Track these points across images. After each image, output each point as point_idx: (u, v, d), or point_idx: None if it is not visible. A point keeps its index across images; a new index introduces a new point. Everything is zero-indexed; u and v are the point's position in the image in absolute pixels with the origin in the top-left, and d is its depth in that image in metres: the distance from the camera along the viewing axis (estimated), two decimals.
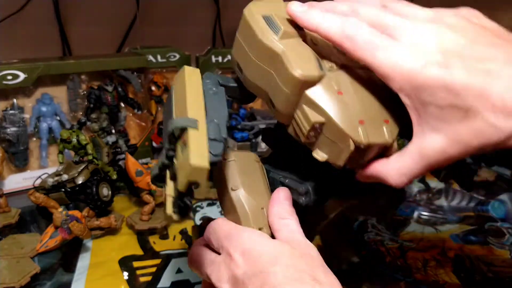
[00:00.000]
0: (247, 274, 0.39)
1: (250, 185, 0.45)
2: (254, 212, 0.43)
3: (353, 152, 0.38)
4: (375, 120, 0.39)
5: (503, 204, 0.97)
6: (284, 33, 0.39)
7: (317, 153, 0.40)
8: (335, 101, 0.38)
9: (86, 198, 0.83)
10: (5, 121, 1.01)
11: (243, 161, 0.47)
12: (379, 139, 0.38)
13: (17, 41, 1.21)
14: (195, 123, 0.36)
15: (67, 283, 0.73)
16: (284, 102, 0.40)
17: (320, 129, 0.39)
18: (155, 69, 1.21)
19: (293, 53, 0.39)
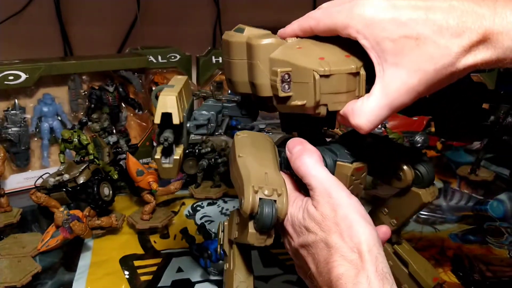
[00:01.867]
0: (298, 245, 0.44)
1: (257, 154, 0.48)
2: (256, 173, 0.45)
3: (325, 84, 0.42)
4: (336, 56, 0.44)
5: (501, 204, 0.97)
6: (248, 30, 0.48)
7: (295, 102, 0.44)
8: (295, 52, 0.45)
9: (87, 197, 0.84)
10: (7, 121, 1.01)
11: (254, 137, 0.52)
12: (341, 66, 0.43)
13: (19, 42, 1.22)
14: (171, 86, 0.46)
15: (68, 282, 0.73)
16: (259, 73, 0.46)
17: (289, 79, 0.44)
18: (155, 69, 1.22)
19: (255, 36, 0.47)
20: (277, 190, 0.43)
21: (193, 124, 0.47)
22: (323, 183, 0.43)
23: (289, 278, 0.73)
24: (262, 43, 0.46)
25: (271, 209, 0.42)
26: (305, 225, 0.43)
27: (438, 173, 1.16)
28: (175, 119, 0.42)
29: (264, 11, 1.44)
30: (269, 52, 0.46)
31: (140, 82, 1.15)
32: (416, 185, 0.53)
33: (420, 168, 0.52)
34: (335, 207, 0.41)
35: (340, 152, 0.49)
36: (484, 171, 1.14)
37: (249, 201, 0.42)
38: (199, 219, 0.93)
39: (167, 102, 0.42)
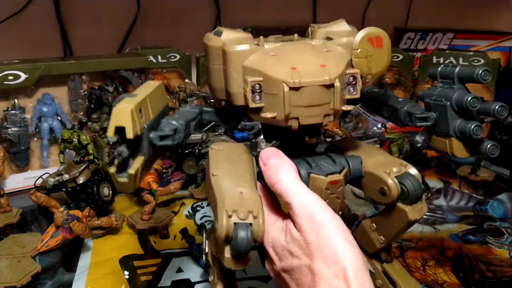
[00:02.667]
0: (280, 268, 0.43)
1: (231, 171, 0.46)
2: (230, 194, 0.42)
3: (295, 96, 0.40)
4: (309, 65, 0.41)
5: (502, 204, 0.97)
6: (225, 33, 0.46)
7: (265, 114, 0.42)
8: (268, 60, 0.42)
9: (87, 197, 0.84)
10: (6, 121, 1.01)
11: (230, 151, 0.50)
12: (313, 78, 0.40)
13: (18, 42, 1.22)
14: (133, 95, 0.44)
15: (68, 282, 0.73)
16: (232, 82, 0.45)
17: (260, 89, 0.42)
18: (155, 69, 1.22)
19: (231, 41, 0.45)
20: (252, 212, 0.41)
21: (156, 135, 0.43)
22: (304, 204, 0.41)
23: None
24: (235, 49, 0.44)
25: (245, 233, 0.40)
26: (288, 249, 0.41)
27: (438, 173, 1.17)
28: (129, 133, 0.40)
29: (264, 11, 1.44)
30: (243, 59, 0.44)
31: (140, 82, 1.15)
32: (402, 201, 0.48)
33: (406, 182, 0.47)
34: (318, 231, 0.39)
35: (316, 163, 0.47)
36: (484, 171, 1.14)
37: (223, 226, 0.40)
38: (199, 219, 0.93)
39: (121, 115, 0.40)
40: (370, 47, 0.44)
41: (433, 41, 1.55)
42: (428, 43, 1.56)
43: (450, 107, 0.49)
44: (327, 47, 0.45)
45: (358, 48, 0.44)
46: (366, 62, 0.44)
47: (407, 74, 1.36)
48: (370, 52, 0.44)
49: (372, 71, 0.45)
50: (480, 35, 1.55)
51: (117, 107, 0.40)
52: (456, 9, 1.64)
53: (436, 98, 0.50)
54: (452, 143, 0.50)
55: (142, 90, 0.46)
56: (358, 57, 0.44)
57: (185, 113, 0.50)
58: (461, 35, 1.55)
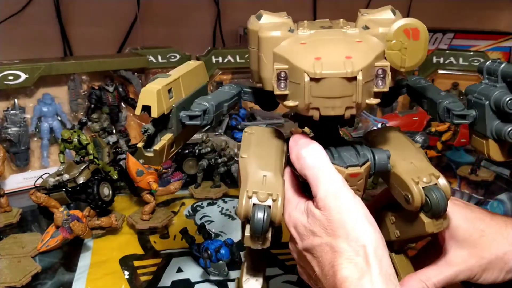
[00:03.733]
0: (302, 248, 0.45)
1: (259, 155, 0.48)
2: (254, 177, 0.45)
3: (316, 87, 0.40)
4: (335, 56, 0.40)
5: (502, 204, 0.97)
6: (265, 18, 0.47)
7: (288, 102, 0.42)
8: (296, 49, 0.42)
9: (87, 197, 0.84)
10: (7, 121, 1.01)
11: (261, 135, 0.51)
12: (335, 69, 0.39)
13: (18, 42, 1.22)
14: (166, 75, 0.46)
15: (68, 282, 0.73)
16: (263, 66, 0.45)
17: (285, 77, 0.42)
18: (155, 69, 1.22)
19: (267, 26, 0.46)
20: (272, 195, 0.43)
21: (185, 115, 0.45)
22: (330, 182, 0.43)
23: (289, 278, 0.73)
24: (266, 35, 0.44)
25: (262, 215, 0.42)
26: (310, 229, 0.43)
27: None
28: (153, 112, 0.43)
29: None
30: (274, 45, 0.44)
31: (140, 82, 1.15)
32: (425, 212, 0.46)
33: (432, 196, 0.45)
34: (341, 210, 0.41)
35: (339, 154, 0.46)
36: (484, 171, 1.14)
37: (242, 206, 0.42)
38: (199, 219, 0.93)
39: (147, 95, 0.43)
40: (406, 39, 0.42)
41: (433, 41, 1.55)
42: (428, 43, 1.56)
43: (489, 107, 0.46)
44: (360, 37, 0.43)
45: (392, 39, 0.42)
46: (400, 54, 0.42)
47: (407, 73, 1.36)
48: (405, 44, 0.42)
49: (406, 64, 0.42)
50: (480, 35, 1.54)
51: (146, 87, 0.43)
52: (456, 9, 1.64)
53: (477, 96, 0.48)
54: (489, 144, 0.47)
55: (178, 70, 0.49)
56: (391, 49, 0.42)
57: (221, 94, 0.51)
58: (461, 35, 1.55)
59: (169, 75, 0.46)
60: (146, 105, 0.43)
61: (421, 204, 0.46)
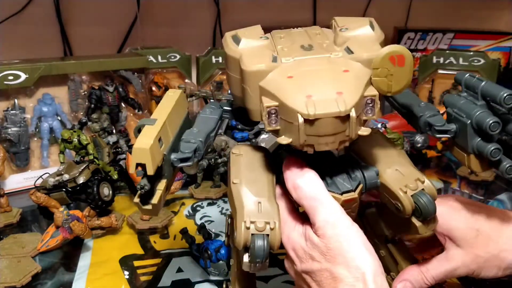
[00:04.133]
0: (300, 270, 0.45)
1: (251, 179, 0.47)
2: (249, 205, 0.45)
3: (309, 127, 0.40)
4: (325, 93, 0.40)
5: (502, 204, 0.97)
6: (243, 43, 0.45)
7: (281, 138, 0.42)
8: (284, 84, 0.41)
9: (87, 197, 0.84)
10: (7, 121, 1.01)
11: (250, 156, 0.50)
12: (327, 110, 0.39)
13: (18, 42, 1.22)
14: (153, 121, 0.44)
15: (68, 282, 0.73)
16: (249, 99, 0.44)
17: (276, 113, 0.41)
18: (155, 69, 1.22)
19: (248, 55, 0.44)
20: (269, 224, 0.43)
21: (176, 158, 0.44)
22: (329, 212, 0.43)
23: (289, 278, 0.73)
24: (251, 69, 0.43)
25: (262, 244, 0.43)
26: (309, 253, 0.43)
27: (438, 173, 1.16)
28: (149, 170, 0.41)
29: (264, 11, 1.44)
30: (259, 78, 0.43)
31: (140, 82, 1.15)
32: (416, 217, 0.48)
33: (420, 202, 0.47)
34: (340, 239, 0.42)
35: (332, 180, 0.46)
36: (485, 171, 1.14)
37: (241, 237, 0.43)
38: (199, 219, 0.93)
39: (140, 153, 0.41)
40: (392, 66, 0.42)
41: (433, 41, 1.55)
42: (428, 43, 1.56)
43: (471, 126, 0.47)
44: (345, 64, 0.43)
45: (378, 67, 0.42)
46: (387, 81, 0.43)
47: None
48: (391, 71, 0.42)
49: (392, 90, 0.43)
50: (480, 35, 1.54)
51: (137, 144, 0.41)
52: (456, 9, 1.64)
53: (458, 112, 0.49)
54: (470, 159, 0.49)
55: (161, 111, 0.46)
56: (378, 76, 0.42)
57: (205, 123, 0.50)
58: (461, 35, 1.55)
59: (155, 121, 0.44)
60: (140, 163, 0.41)
61: (411, 212, 0.47)
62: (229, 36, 0.47)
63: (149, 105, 1.21)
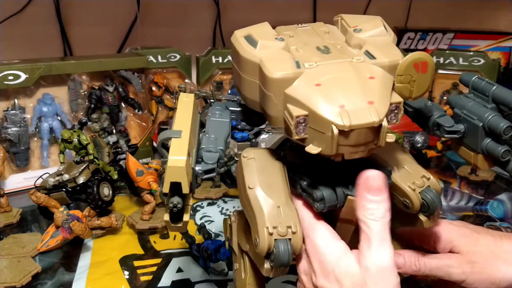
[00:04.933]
0: (320, 285, 0.43)
1: (267, 183, 0.46)
2: (269, 211, 0.44)
3: (343, 137, 0.39)
4: (357, 103, 0.39)
5: (502, 204, 0.97)
6: (261, 45, 0.44)
7: (310, 148, 0.41)
8: (314, 92, 0.40)
9: (87, 197, 0.84)
10: (6, 121, 1.01)
11: (262, 159, 0.49)
12: (362, 120, 0.38)
13: (18, 42, 1.22)
14: (178, 134, 0.42)
15: (68, 282, 0.73)
16: (271, 106, 0.43)
17: (305, 123, 0.40)
18: (155, 69, 1.22)
19: (269, 59, 0.42)
20: (291, 228, 0.43)
21: (201, 170, 0.42)
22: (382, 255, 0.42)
23: (289, 278, 0.73)
24: (276, 76, 0.41)
25: (287, 248, 0.42)
26: (338, 275, 0.42)
27: (438, 173, 1.17)
28: (185, 189, 0.39)
29: (264, 11, 1.44)
30: (285, 86, 0.41)
31: (140, 82, 1.15)
32: (422, 212, 0.49)
33: (428, 198, 0.48)
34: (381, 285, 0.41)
35: (353, 184, 0.45)
36: (484, 171, 1.14)
37: (265, 243, 0.42)
38: (199, 219, 0.93)
39: (176, 172, 0.39)
40: (415, 72, 0.42)
41: (433, 41, 1.55)
42: (428, 43, 1.56)
43: (482, 128, 0.49)
44: (369, 70, 0.42)
45: (402, 74, 0.42)
46: (409, 87, 0.43)
47: None
48: (414, 77, 0.42)
49: (413, 95, 0.44)
50: (480, 35, 1.55)
51: (171, 162, 0.39)
52: (456, 9, 1.64)
53: (468, 114, 0.50)
54: (477, 158, 0.51)
55: (183, 120, 0.44)
56: (401, 83, 0.43)
57: (219, 128, 0.49)
58: (461, 35, 1.55)
59: (180, 133, 0.42)
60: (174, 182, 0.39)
61: (419, 208, 0.48)
62: (241, 36, 0.46)
63: (149, 105, 1.21)
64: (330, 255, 0.43)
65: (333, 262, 0.43)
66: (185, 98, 0.49)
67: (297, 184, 0.48)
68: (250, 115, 0.52)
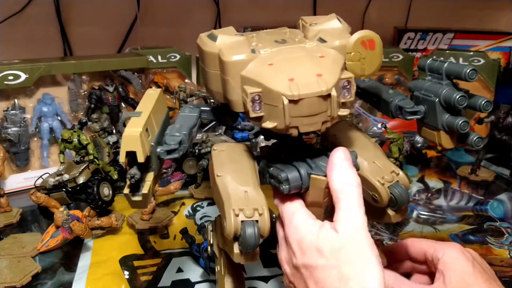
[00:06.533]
0: (301, 263, 0.44)
1: (234, 170, 0.48)
2: (236, 194, 0.45)
3: (295, 109, 0.41)
4: (306, 76, 0.42)
5: (502, 204, 0.97)
6: (220, 38, 0.47)
7: (266, 124, 0.43)
8: (265, 71, 0.43)
9: (87, 197, 0.84)
10: (7, 121, 1.01)
11: (231, 151, 0.51)
12: (311, 89, 0.41)
13: (18, 42, 1.22)
14: (138, 114, 0.45)
15: (68, 282, 0.73)
16: (230, 90, 0.46)
17: (259, 99, 0.43)
18: (155, 69, 1.22)
19: (227, 48, 0.46)
20: (258, 210, 0.44)
21: (163, 150, 0.45)
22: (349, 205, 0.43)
23: None
24: (232, 59, 0.44)
25: (253, 230, 0.43)
26: (317, 246, 0.42)
27: (438, 173, 1.17)
28: (140, 157, 0.42)
29: (264, 11, 1.44)
30: (240, 68, 0.44)
31: (140, 82, 1.15)
32: (390, 207, 0.51)
33: (396, 193, 0.49)
34: (357, 242, 0.41)
35: (316, 164, 0.47)
36: (484, 171, 1.14)
37: (231, 225, 0.43)
38: (199, 219, 0.93)
39: (130, 140, 0.42)
40: (363, 50, 0.45)
41: (433, 41, 1.55)
42: (428, 43, 1.56)
43: (439, 103, 0.51)
44: (321, 51, 0.45)
45: (351, 51, 0.45)
46: (360, 64, 0.45)
47: (407, 74, 1.36)
48: (363, 54, 0.45)
49: (366, 73, 0.46)
50: (480, 35, 1.54)
51: (126, 133, 0.42)
52: (456, 9, 1.64)
53: (425, 93, 0.52)
54: (440, 135, 0.52)
55: (144, 105, 0.47)
56: (351, 60, 0.45)
57: (186, 119, 0.51)
58: (461, 35, 1.55)
59: (140, 113, 0.45)
60: (130, 151, 0.42)
61: (387, 202, 0.49)
62: (204, 35, 0.49)
63: None
64: (308, 232, 0.44)
65: (313, 237, 0.43)
66: (151, 91, 0.52)
67: (265, 173, 0.49)
68: (221, 114, 0.55)
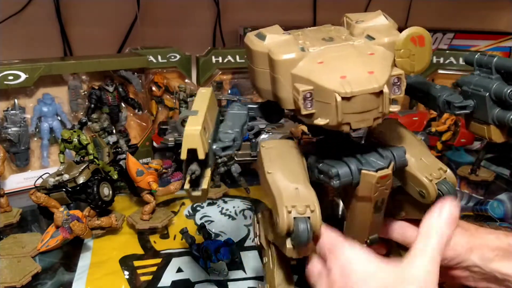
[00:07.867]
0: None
1: (285, 168, 0.49)
2: (287, 191, 0.47)
3: (347, 105, 0.42)
4: (358, 73, 0.43)
5: (502, 204, 0.97)
6: (269, 38, 0.47)
7: (318, 120, 0.44)
8: (317, 68, 0.44)
9: (87, 197, 0.84)
10: (7, 121, 1.01)
11: (281, 148, 0.53)
12: (363, 87, 0.42)
13: (18, 42, 1.22)
14: (195, 112, 0.46)
15: (68, 282, 0.73)
16: (281, 88, 0.46)
17: (311, 97, 0.44)
18: (155, 69, 1.22)
19: (276, 47, 0.46)
20: (309, 207, 0.45)
21: (219, 147, 0.46)
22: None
23: None
24: (282, 58, 0.45)
25: (305, 226, 0.44)
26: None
27: None
28: (200, 154, 0.43)
29: (264, 11, 1.44)
30: (291, 67, 0.45)
31: (140, 82, 1.15)
32: None
33: (443, 189, 0.50)
34: None
35: (366, 159, 0.48)
36: (484, 171, 1.14)
37: (284, 221, 0.44)
38: (199, 219, 0.93)
39: (192, 138, 0.43)
40: (413, 47, 0.45)
41: (433, 41, 1.55)
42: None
43: (489, 98, 0.51)
44: (370, 48, 0.45)
45: (401, 48, 0.45)
46: (409, 61, 0.46)
47: None
48: (413, 51, 0.46)
49: (415, 69, 0.46)
50: (480, 35, 1.54)
51: (187, 131, 0.43)
52: (456, 9, 1.64)
53: (474, 87, 0.52)
54: (490, 129, 0.53)
55: (199, 104, 0.48)
56: (401, 57, 0.46)
57: (237, 118, 0.52)
58: (461, 35, 1.54)
59: (197, 112, 0.46)
60: (191, 149, 0.43)
61: (435, 198, 0.50)
62: (252, 35, 0.49)
63: (149, 105, 1.21)
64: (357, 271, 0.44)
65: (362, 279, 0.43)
66: (203, 90, 0.53)
67: (314, 169, 0.50)
68: (268, 112, 0.56)
